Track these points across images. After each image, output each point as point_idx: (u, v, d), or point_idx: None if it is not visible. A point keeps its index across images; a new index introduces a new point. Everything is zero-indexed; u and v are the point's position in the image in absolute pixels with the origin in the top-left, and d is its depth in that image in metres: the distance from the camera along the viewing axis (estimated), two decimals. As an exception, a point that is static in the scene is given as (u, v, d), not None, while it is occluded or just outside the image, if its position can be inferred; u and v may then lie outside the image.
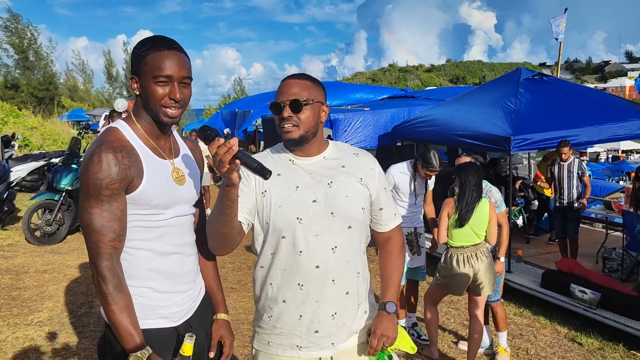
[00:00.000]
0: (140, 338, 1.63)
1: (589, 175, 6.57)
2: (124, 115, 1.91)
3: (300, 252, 1.77)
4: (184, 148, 1.92)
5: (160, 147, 1.79)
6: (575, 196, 6.36)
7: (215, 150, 1.49)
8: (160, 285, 1.75)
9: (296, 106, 1.73)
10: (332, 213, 1.78)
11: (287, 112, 1.74)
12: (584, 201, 6.50)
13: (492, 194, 4.18)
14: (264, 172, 1.55)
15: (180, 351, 1.67)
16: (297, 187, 1.80)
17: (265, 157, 1.90)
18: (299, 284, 1.79)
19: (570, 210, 6.42)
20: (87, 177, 1.61)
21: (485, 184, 4.22)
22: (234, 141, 1.49)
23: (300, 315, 1.81)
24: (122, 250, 1.68)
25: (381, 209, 1.92)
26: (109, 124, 8.86)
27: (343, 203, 1.80)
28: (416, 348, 1.94)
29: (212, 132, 1.56)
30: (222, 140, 1.50)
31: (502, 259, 4.17)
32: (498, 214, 4.08)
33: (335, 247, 1.78)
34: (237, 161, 1.52)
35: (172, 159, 1.81)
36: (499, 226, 4.09)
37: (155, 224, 1.74)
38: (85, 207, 1.63)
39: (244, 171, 1.72)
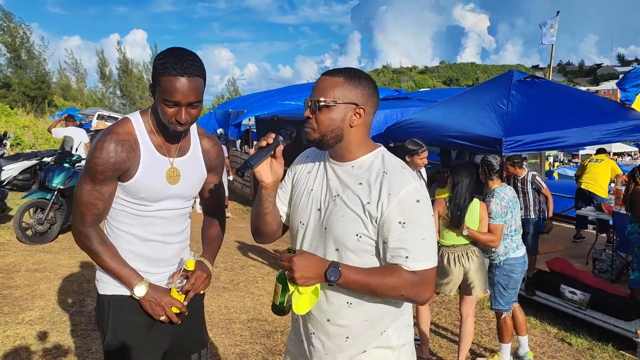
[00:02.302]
0: (138, 273, 1.92)
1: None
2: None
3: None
4: (194, 147, 2.04)
5: (166, 145, 1.94)
6: (532, 212, 6.04)
7: (261, 140, 1.62)
8: (138, 265, 1.95)
9: (313, 107, 1.61)
10: (325, 228, 1.64)
11: (307, 113, 1.63)
12: (549, 223, 6.25)
13: (490, 202, 3.99)
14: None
15: (185, 266, 1.97)
16: (311, 190, 1.72)
17: (311, 151, 1.85)
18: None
19: (527, 223, 5.99)
20: (89, 158, 1.83)
21: (499, 190, 4.02)
22: (271, 140, 1.62)
23: (296, 319, 1.80)
24: (102, 220, 1.93)
25: (385, 243, 1.56)
26: (69, 125, 9.14)
27: (337, 222, 1.60)
28: (302, 313, 1.57)
29: (281, 130, 1.67)
30: (273, 135, 1.63)
31: (465, 232, 3.87)
32: (490, 225, 3.93)
33: None
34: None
35: (174, 157, 1.95)
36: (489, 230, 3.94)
37: (140, 213, 1.93)
38: (81, 181, 1.87)
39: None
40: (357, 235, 1.58)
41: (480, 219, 3.95)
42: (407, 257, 1.53)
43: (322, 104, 1.59)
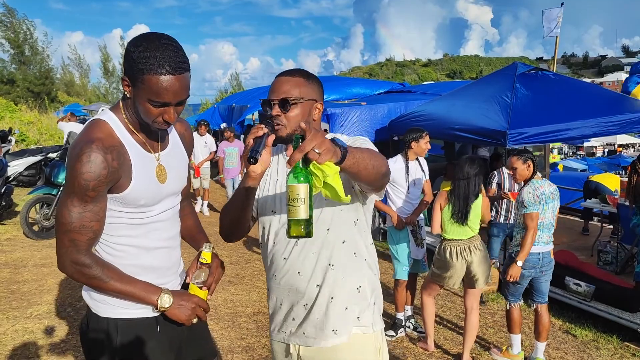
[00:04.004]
0: (153, 285, 1.73)
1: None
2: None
3: (274, 243, 1.85)
4: (173, 135, 1.90)
5: (149, 141, 1.77)
6: (502, 216, 5.89)
7: (251, 130, 1.61)
8: (145, 278, 1.76)
9: (284, 105, 1.72)
10: None
11: (275, 111, 1.73)
12: None
13: (522, 191, 3.92)
14: (250, 154, 1.53)
15: (202, 259, 1.84)
16: (277, 180, 1.86)
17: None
18: (274, 275, 1.87)
19: (495, 226, 5.93)
20: (74, 175, 1.57)
21: (536, 181, 3.94)
22: (265, 130, 1.61)
23: (281, 304, 1.88)
24: (96, 243, 1.70)
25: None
26: (71, 120, 9.35)
27: None
28: (348, 199, 1.47)
29: (266, 121, 1.69)
30: (262, 126, 1.62)
31: (519, 263, 3.87)
32: (525, 214, 3.87)
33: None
34: (252, 141, 1.58)
35: (158, 152, 1.79)
36: (524, 228, 3.89)
37: (142, 220, 1.74)
38: (67, 204, 1.60)
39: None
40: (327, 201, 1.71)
41: (482, 212, 4.01)
42: (367, 147, 1.69)
43: (292, 101, 1.72)
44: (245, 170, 1.71)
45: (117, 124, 1.68)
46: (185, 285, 1.88)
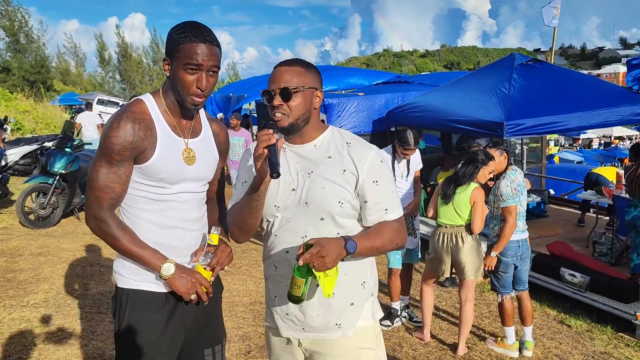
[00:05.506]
0: (162, 254, 1.86)
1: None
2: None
3: (276, 236, 1.85)
4: (206, 129, 2.03)
5: (180, 125, 1.92)
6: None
7: (260, 136, 1.65)
8: None
9: (286, 94, 1.72)
10: (306, 203, 1.78)
11: (277, 101, 1.73)
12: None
13: (500, 185, 3.97)
14: (272, 169, 1.64)
15: (209, 241, 1.93)
16: (280, 174, 1.83)
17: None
18: (274, 266, 1.88)
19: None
20: (105, 138, 1.79)
21: (510, 173, 4.01)
22: (276, 136, 1.67)
23: (275, 296, 1.89)
24: (118, 205, 1.87)
25: (366, 202, 1.79)
26: (87, 110, 9.80)
27: (318, 194, 1.77)
28: (329, 297, 1.68)
29: (270, 124, 1.72)
30: (270, 131, 1.67)
31: (493, 254, 3.98)
32: (503, 208, 3.93)
33: (305, 236, 1.77)
34: (266, 150, 1.65)
35: (188, 138, 1.93)
36: (502, 220, 3.95)
37: (159, 197, 1.88)
38: (96, 164, 1.82)
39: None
40: (339, 202, 1.77)
41: (472, 203, 3.98)
42: (386, 209, 1.81)
43: (294, 90, 1.73)
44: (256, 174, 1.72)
45: (153, 105, 1.88)
46: None
